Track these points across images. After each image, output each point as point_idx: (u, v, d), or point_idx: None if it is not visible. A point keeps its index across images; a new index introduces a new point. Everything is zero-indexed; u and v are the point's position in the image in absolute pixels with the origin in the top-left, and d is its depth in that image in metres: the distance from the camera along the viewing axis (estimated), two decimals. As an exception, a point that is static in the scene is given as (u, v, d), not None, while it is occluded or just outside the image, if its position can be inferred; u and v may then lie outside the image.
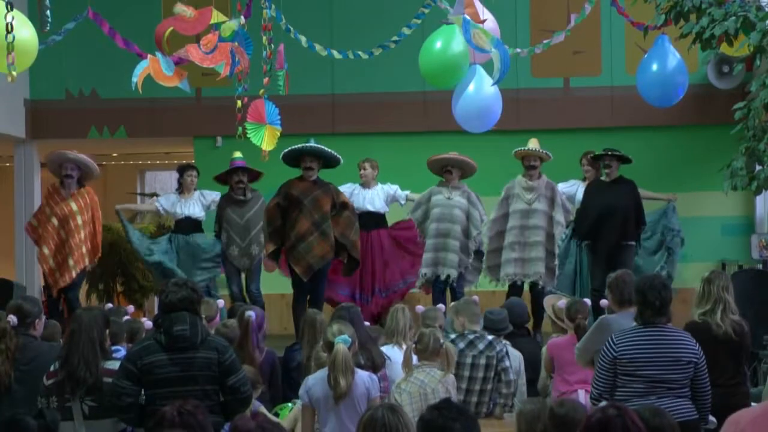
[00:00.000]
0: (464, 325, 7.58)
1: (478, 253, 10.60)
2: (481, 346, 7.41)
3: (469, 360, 7.36)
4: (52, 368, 6.05)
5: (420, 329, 7.05)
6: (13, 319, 6.40)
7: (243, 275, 10.86)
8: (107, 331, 6.08)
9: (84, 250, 10.60)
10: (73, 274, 10.54)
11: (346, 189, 10.82)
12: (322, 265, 10.02)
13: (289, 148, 10.02)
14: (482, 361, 7.36)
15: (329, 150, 10.07)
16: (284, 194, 10.00)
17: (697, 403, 5.86)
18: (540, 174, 10.31)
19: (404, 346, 7.56)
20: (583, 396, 7.75)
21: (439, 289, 10.37)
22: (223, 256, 10.83)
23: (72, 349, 5.92)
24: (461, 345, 7.37)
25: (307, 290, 10.09)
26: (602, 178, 10.51)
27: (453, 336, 7.48)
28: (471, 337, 7.45)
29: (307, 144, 10.13)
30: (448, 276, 10.30)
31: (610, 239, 10.22)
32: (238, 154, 10.75)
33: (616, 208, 10.20)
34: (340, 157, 10.13)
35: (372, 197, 10.99)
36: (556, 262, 10.25)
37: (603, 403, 5.86)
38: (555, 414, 4.81)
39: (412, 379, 6.71)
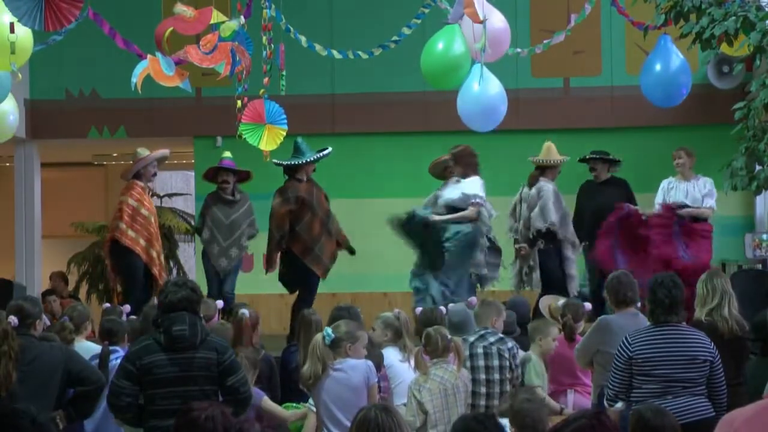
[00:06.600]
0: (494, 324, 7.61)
1: (496, 250, 10.54)
2: (492, 338, 7.44)
3: (480, 350, 7.38)
4: None
5: (425, 330, 7.04)
6: (13, 320, 6.38)
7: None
8: None
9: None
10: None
11: None
12: (333, 264, 10.03)
13: (313, 159, 9.90)
14: (493, 350, 7.38)
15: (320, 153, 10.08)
16: (295, 199, 9.83)
17: (714, 401, 5.85)
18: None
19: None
20: (572, 396, 7.76)
21: None
22: (203, 254, 10.61)
23: None
24: (471, 339, 7.43)
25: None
26: (591, 179, 10.64)
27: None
28: (482, 332, 7.49)
29: (323, 151, 10.04)
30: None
31: None
32: (227, 154, 10.55)
33: (608, 208, 10.25)
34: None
35: None
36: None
37: (619, 404, 5.87)
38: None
39: (431, 376, 6.74)
